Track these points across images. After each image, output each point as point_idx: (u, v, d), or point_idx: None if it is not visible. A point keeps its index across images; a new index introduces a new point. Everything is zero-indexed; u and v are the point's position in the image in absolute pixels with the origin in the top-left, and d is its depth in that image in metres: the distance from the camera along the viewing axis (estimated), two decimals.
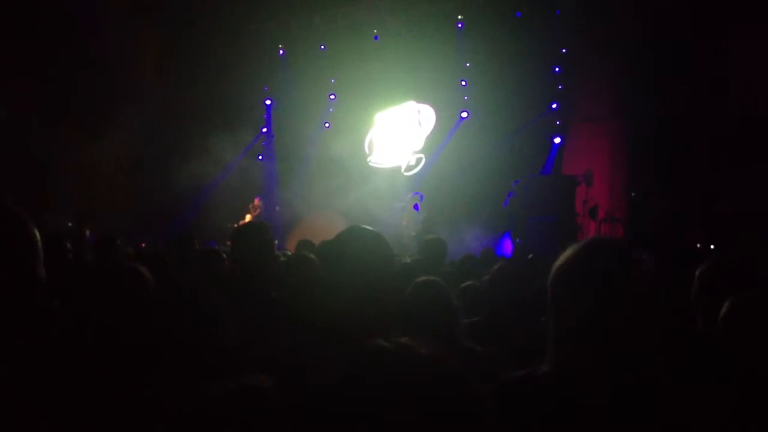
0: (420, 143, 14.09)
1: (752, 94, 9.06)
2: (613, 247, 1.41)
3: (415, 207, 12.09)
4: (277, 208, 13.78)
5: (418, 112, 14.15)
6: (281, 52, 14.60)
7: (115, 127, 11.54)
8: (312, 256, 3.69)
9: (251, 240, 2.80)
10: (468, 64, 13.33)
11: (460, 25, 13.29)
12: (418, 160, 14.01)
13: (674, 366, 1.84)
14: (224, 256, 3.55)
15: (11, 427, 1.28)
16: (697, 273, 2.44)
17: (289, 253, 5.69)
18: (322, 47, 14.16)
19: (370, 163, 14.27)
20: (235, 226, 13.35)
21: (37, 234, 1.43)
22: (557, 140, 12.52)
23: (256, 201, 13.03)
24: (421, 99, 14.05)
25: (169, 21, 12.44)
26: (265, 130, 15.13)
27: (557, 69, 12.64)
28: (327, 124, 14.68)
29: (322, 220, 11.18)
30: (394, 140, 14.27)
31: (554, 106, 12.66)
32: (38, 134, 10.16)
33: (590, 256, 1.39)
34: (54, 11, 10.58)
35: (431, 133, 14.01)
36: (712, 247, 8.33)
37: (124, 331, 1.76)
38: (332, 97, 14.57)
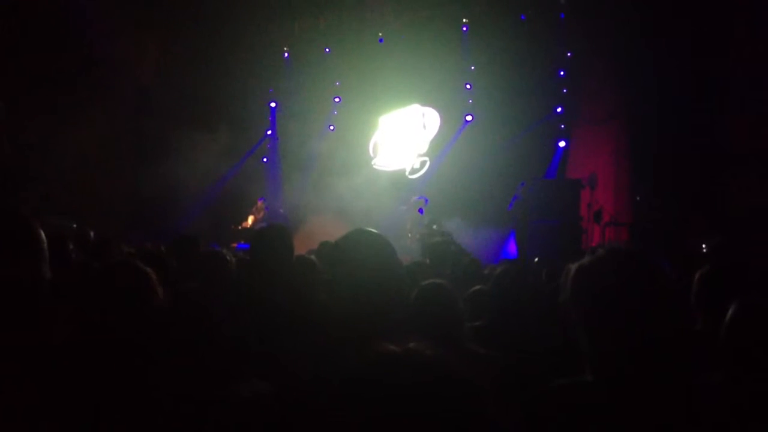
0: (424, 146, 14.09)
1: (755, 93, 9.04)
2: (638, 255, 1.42)
3: (420, 211, 12.08)
4: (281, 210, 13.80)
5: (423, 115, 14.15)
6: (286, 54, 14.62)
7: (116, 128, 11.57)
8: (313, 257, 3.67)
9: (273, 244, 2.65)
10: (473, 68, 13.34)
11: (464, 29, 13.29)
12: (423, 164, 14.01)
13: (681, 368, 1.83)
14: (228, 258, 3.54)
15: (13, 426, 1.28)
16: (696, 276, 2.44)
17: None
18: (327, 50, 14.17)
19: (374, 166, 14.27)
20: (239, 228, 13.38)
21: (43, 235, 1.44)
22: (562, 144, 12.51)
23: (259, 203, 13.06)
24: (425, 102, 14.06)
25: (173, 22, 12.47)
26: (269, 132, 15.16)
27: (562, 72, 12.64)
28: (331, 127, 14.69)
29: (326, 222, 11.18)
30: (399, 143, 14.27)
31: (559, 109, 12.66)
32: (37, 134, 10.16)
33: (616, 265, 1.40)
34: (54, 12, 10.57)
35: (436, 136, 14.01)
36: (706, 249, 8.30)
37: (127, 330, 1.76)
38: (337, 99, 14.58)
